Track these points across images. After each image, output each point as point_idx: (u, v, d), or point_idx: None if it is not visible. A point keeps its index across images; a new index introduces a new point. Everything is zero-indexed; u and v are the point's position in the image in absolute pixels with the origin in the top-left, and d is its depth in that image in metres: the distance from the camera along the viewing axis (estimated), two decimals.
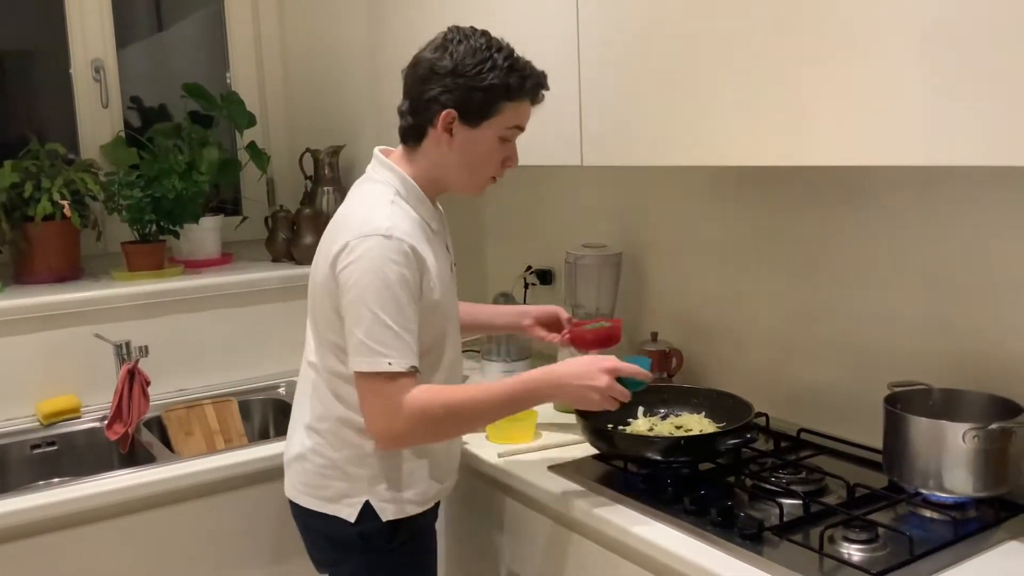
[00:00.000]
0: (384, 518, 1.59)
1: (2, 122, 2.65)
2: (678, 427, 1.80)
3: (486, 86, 1.53)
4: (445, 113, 1.54)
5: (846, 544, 1.39)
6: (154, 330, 2.32)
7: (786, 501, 1.51)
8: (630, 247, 2.31)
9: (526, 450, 1.87)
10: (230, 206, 2.90)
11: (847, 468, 1.70)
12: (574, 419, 1.78)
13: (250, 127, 2.74)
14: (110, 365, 2.20)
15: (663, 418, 1.85)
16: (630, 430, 1.80)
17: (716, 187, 2.09)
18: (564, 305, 2.31)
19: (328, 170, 2.74)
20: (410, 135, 1.60)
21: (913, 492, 1.52)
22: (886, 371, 1.71)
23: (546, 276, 2.57)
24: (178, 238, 2.57)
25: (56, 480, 2.11)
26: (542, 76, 1.60)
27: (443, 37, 1.58)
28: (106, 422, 2.14)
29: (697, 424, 1.80)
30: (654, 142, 1.71)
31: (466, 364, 2.06)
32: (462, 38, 1.55)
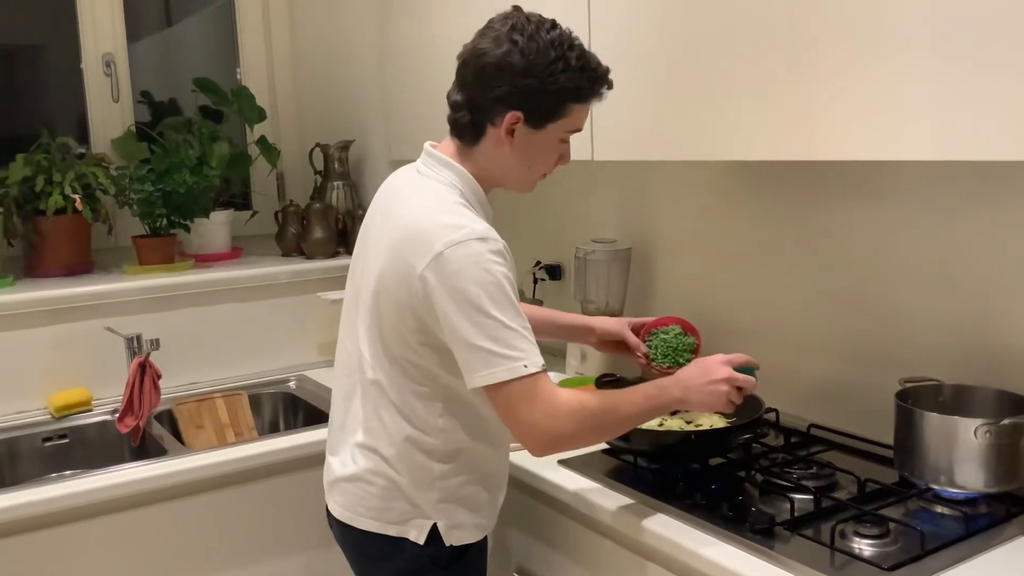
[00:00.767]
0: (448, 542, 1.51)
1: (14, 116, 2.66)
2: (688, 422, 1.80)
3: (558, 89, 1.42)
4: (511, 115, 1.43)
5: (857, 539, 1.39)
6: (165, 323, 2.33)
7: (797, 496, 1.51)
8: (640, 242, 2.31)
9: None
10: (240, 200, 2.91)
11: (858, 463, 1.70)
12: None
13: (260, 122, 2.75)
14: (121, 358, 2.21)
15: (673, 413, 1.85)
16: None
17: (727, 182, 2.09)
18: (573, 300, 2.32)
19: (338, 165, 2.75)
20: (467, 132, 1.49)
21: (924, 487, 1.52)
22: (897, 367, 1.71)
23: (555, 271, 2.56)
24: (189, 232, 2.58)
25: (67, 473, 2.13)
26: (608, 73, 1.48)
27: (508, 27, 1.42)
28: (117, 415, 2.15)
29: (708, 419, 1.80)
30: (665, 137, 1.71)
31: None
32: (533, 31, 1.41)
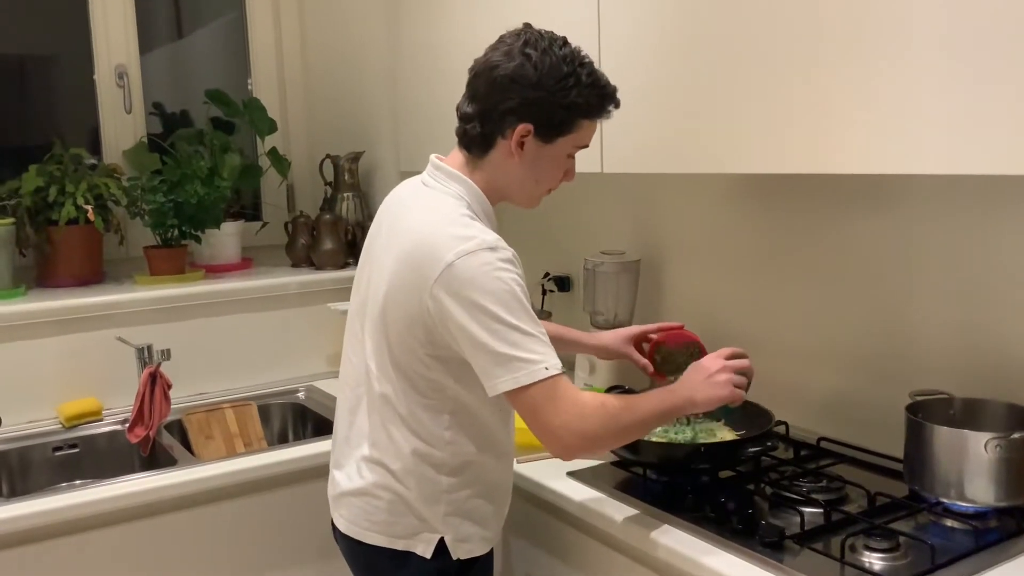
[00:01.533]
0: (456, 556, 1.53)
1: (27, 127, 2.68)
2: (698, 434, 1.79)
3: (568, 104, 1.45)
4: (522, 127, 1.45)
5: (867, 553, 1.38)
6: (175, 334, 2.34)
7: (807, 509, 1.50)
8: (649, 254, 2.31)
9: (545, 456, 1.86)
10: (250, 211, 2.93)
11: (868, 477, 1.69)
12: None
13: (271, 133, 2.76)
14: (132, 368, 2.22)
15: (688, 420, 1.84)
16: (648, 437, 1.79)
17: (736, 194, 2.09)
18: (582, 312, 2.32)
19: (348, 176, 2.76)
20: (477, 144, 1.50)
21: (934, 501, 1.51)
22: (907, 380, 1.70)
23: (564, 283, 2.57)
24: (199, 243, 2.59)
25: (77, 482, 2.14)
26: (616, 92, 1.52)
27: (521, 41, 1.46)
28: (127, 425, 2.16)
29: (717, 432, 1.79)
30: (674, 149, 1.71)
31: None
32: (547, 47, 1.45)
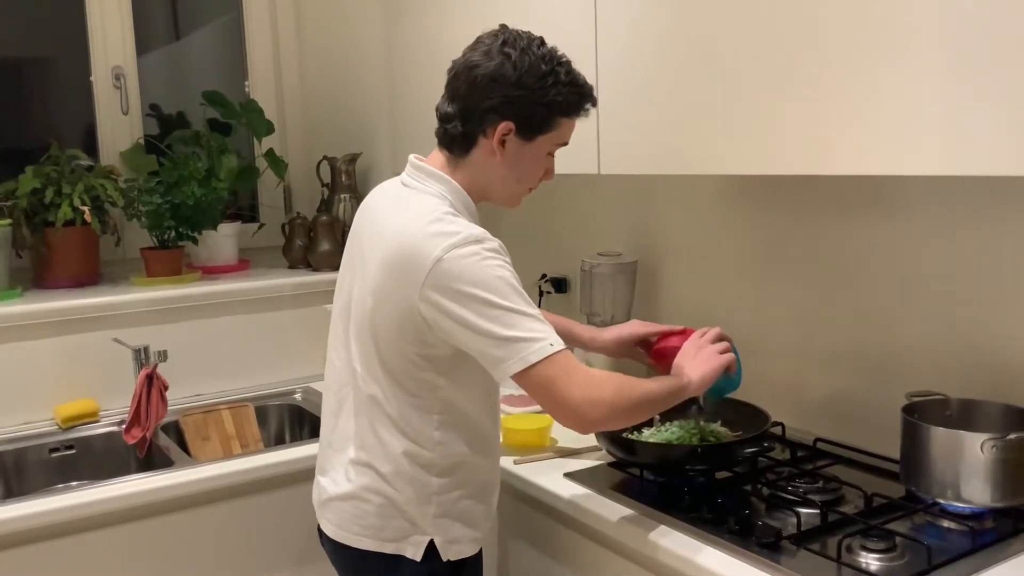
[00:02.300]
0: (446, 557, 1.52)
1: (23, 128, 2.68)
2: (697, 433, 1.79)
3: (548, 102, 1.46)
4: (503, 125, 1.46)
5: (864, 553, 1.38)
6: (172, 335, 2.34)
7: (803, 510, 1.51)
8: (645, 255, 2.31)
9: (542, 457, 1.87)
10: (247, 213, 2.93)
11: (864, 478, 1.70)
12: None
13: (268, 135, 2.76)
14: (128, 370, 2.22)
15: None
16: (645, 438, 1.80)
17: (732, 195, 2.10)
18: (579, 313, 2.32)
19: (345, 177, 2.77)
20: (458, 143, 1.51)
21: (931, 502, 1.52)
22: (903, 381, 1.70)
23: (561, 284, 2.57)
24: (196, 244, 2.59)
25: (74, 484, 2.13)
26: (593, 91, 1.54)
27: (500, 41, 1.47)
28: (124, 426, 2.15)
29: (718, 432, 1.79)
30: (671, 150, 1.71)
31: None
32: (525, 46, 1.46)
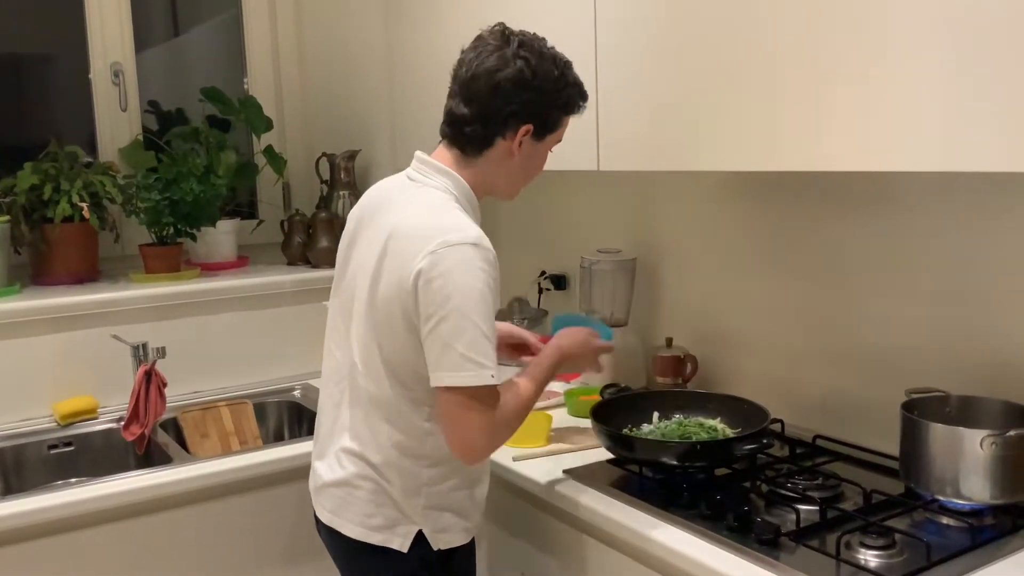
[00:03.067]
0: (436, 546, 1.53)
1: (22, 125, 2.67)
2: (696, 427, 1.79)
3: (562, 103, 1.52)
4: (524, 128, 1.50)
5: (863, 550, 1.38)
6: (171, 332, 2.34)
7: (802, 507, 1.51)
8: (645, 252, 2.31)
9: (540, 454, 1.87)
10: (246, 209, 2.92)
11: (863, 474, 1.70)
12: (589, 423, 1.79)
13: (267, 131, 2.76)
14: (127, 366, 2.22)
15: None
16: (645, 434, 1.80)
17: (732, 192, 2.09)
18: (578, 310, 2.32)
19: (344, 174, 2.76)
20: (474, 143, 1.52)
21: (930, 498, 1.51)
22: (902, 378, 1.70)
23: (561, 281, 2.57)
24: (195, 241, 2.58)
25: (73, 480, 2.13)
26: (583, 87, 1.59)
27: (516, 43, 1.49)
28: (123, 423, 2.15)
29: (718, 428, 1.79)
30: (671, 147, 1.71)
31: None
32: (539, 49, 1.49)
